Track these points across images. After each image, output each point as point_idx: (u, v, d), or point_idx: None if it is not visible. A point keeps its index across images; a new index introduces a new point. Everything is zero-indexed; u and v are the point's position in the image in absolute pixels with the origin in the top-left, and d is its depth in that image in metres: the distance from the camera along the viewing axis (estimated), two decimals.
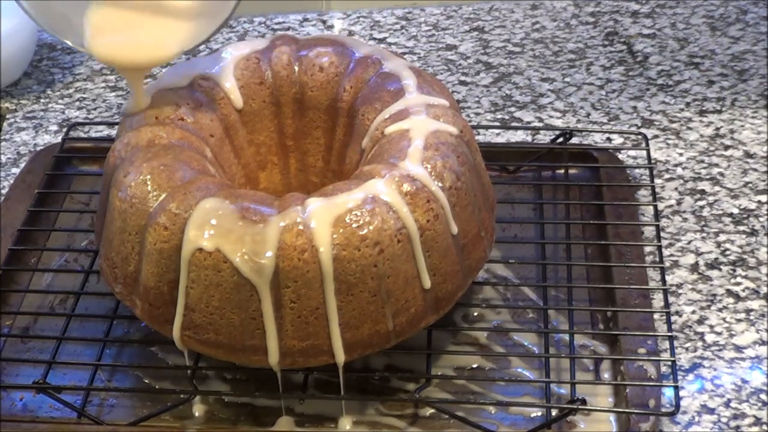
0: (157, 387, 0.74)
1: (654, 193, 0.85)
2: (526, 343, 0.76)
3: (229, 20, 0.68)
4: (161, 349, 0.76)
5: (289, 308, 0.66)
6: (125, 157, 0.71)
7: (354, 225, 0.65)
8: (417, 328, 0.70)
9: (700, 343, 0.76)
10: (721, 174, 0.90)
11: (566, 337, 0.75)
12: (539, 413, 0.71)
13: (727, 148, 0.93)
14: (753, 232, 0.85)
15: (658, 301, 0.77)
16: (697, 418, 0.71)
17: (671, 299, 0.79)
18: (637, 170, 0.90)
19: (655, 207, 0.84)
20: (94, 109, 1.02)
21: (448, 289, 0.70)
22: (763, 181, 0.89)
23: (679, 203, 0.88)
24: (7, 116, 1.01)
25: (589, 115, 0.98)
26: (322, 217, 0.65)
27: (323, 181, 0.79)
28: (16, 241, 0.83)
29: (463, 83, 1.03)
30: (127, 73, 0.73)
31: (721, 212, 0.87)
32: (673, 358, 0.71)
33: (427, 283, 0.68)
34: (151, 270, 0.67)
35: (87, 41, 0.69)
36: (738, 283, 0.80)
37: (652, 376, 0.71)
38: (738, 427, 0.70)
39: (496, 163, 0.88)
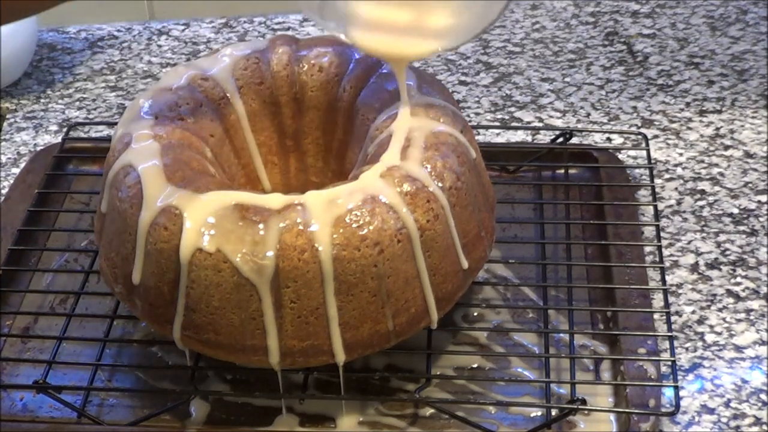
0: (157, 387, 0.74)
1: (654, 193, 0.85)
2: (526, 343, 0.76)
3: (495, 22, 0.65)
4: (161, 349, 0.76)
5: (289, 308, 0.66)
6: (125, 157, 0.71)
7: (354, 225, 0.65)
8: (417, 328, 0.70)
9: (700, 343, 0.76)
10: (721, 174, 0.90)
11: (566, 337, 0.74)
12: (539, 413, 0.71)
13: (727, 148, 0.93)
14: (753, 232, 0.85)
15: (658, 301, 0.77)
16: (697, 418, 0.71)
17: (671, 299, 0.79)
18: (637, 170, 0.90)
19: (655, 207, 0.83)
20: (94, 109, 1.02)
21: (448, 289, 0.70)
22: (763, 181, 0.89)
23: (679, 203, 0.88)
24: (7, 116, 1.01)
25: (589, 115, 0.98)
26: (322, 217, 0.65)
27: (323, 181, 0.79)
28: (16, 241, 0.83)
29: (463, 83, 1.03)
30: (390, 62, 0.72)
31: (721, 212, 0.87)
32: (673, 358, 0.71)
33: (435, 319, 0.69)
34: (151, 270, 0.67)
35: (347, 29, 0.69)
36: (738, 283, 0.80)
37: (652, 376, 0.71)
38: (738, 427, 0.70)
39: (496, 163, 0.88)
